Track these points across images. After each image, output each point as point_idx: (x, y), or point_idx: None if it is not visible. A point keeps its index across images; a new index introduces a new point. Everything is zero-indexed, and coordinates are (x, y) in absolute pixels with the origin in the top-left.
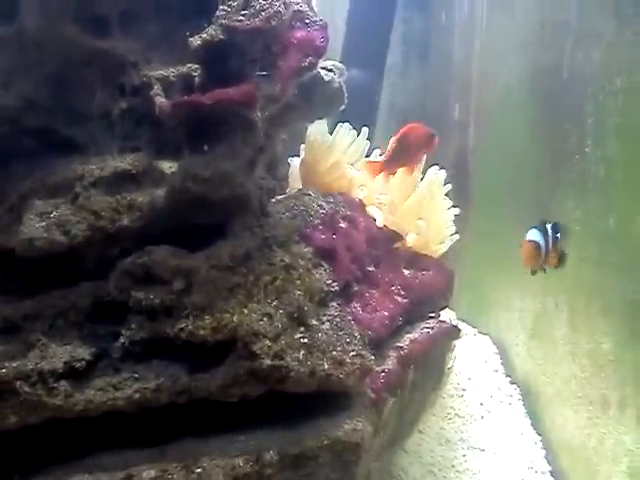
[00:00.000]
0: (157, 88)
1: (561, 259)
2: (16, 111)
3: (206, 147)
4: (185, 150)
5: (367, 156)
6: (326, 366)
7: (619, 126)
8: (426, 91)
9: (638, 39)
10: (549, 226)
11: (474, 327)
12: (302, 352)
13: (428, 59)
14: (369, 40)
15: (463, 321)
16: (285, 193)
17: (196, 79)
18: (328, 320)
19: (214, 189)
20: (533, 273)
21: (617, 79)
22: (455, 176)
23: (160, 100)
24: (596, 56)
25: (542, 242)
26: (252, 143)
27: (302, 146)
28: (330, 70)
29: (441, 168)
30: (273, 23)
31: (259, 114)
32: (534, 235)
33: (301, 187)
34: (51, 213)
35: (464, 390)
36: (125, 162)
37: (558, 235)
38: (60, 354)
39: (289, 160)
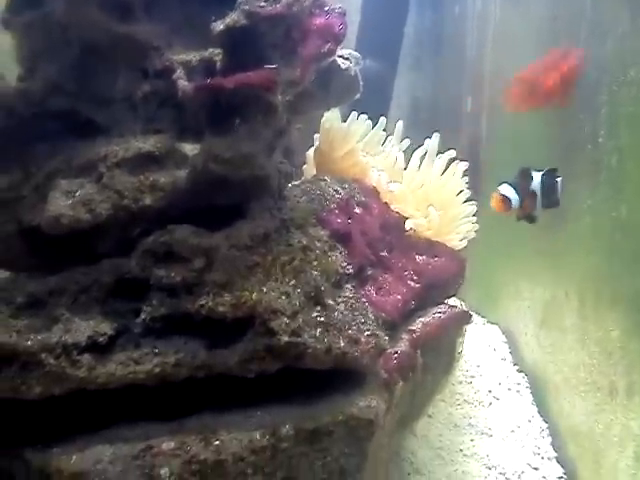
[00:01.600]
0: (179, 72)
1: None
2: (41, 94)
3: (228, 129)
4: (207, 132)
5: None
6: (342, 344)
7: (633, 116)
8: (438, 84)
9: None
10: (538, 174)
11: (483, 317)
12: (319, 330)
13: (441, 52)
14: (383, 31)
15: (472, 311)
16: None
17: (218, 64)
18: (343, 301)
19: (235, 170)
20: (518, 219)
21: (631, 69)
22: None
23: (182, 83)
24: (610, 47)
25: (512, 194)
26: (272, 126)
27: (316, 135)
28: (347, 59)
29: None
30: (294, 9)
31: (280, 98)
32: (503, 188)
33: (316, 174)
34: (76, 192)
35: (473, 377)
36: (148, 144)
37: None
38: (83, 328)
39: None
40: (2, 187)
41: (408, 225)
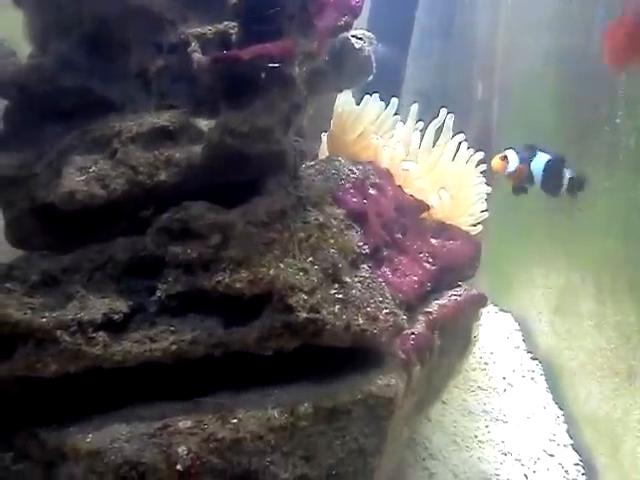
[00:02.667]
0: (194, 45)
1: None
2: (53, 71)
3: (244, 103)
4: (222, 107)
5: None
6: (361, 321)
7: None
8: (449, 69)
9: None
10: (545, 155)
11: (496, 305)
12: (337, 307)
13: (451, 36)
14: (395, 15)
15: None
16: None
17: (233, 37)
18: (360, 281)
19: (251, 144)
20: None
21: None
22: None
23: (198, 56)
24: None
25: (512, 157)
26: (289, 100)
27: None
28: (360, 38)
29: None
30: None
31: (297, 70)
32: (507, 152)
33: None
34: (90, 168)
35: (486, 364)
36: (162, 119)
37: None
38: (98, 306)
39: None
40: (14, 165)
41: (431, 201)
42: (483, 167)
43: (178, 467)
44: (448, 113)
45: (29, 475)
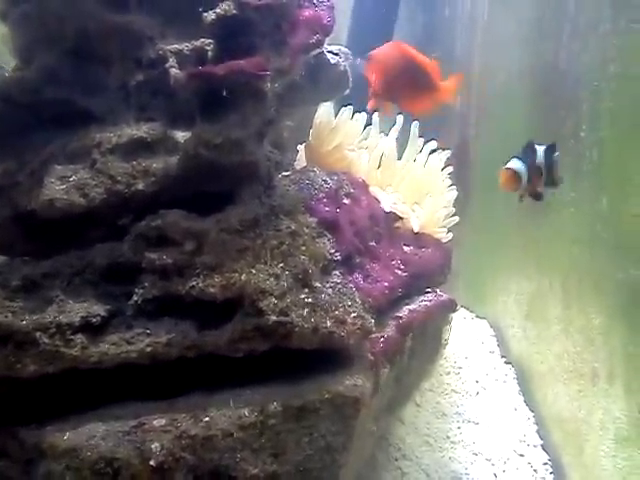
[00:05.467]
0: (172, 61)
1: (553, 182)
2: (37, 83)
3: (219, 116)
4: (198, 120)
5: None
6: (329, 324)
7: (612, 110)
8: None
9: (631, 27)
10: (541, 148)
11: (472, 312)
12: (306, 310)
13: (430, 53)
14: (373, 31)
15: (461, 306)
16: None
17: (209, 53)
18: (331, 287)
19: (225, 155)
20: (520, 200)
21: (611, 65)
22: (455, 165)
23: (175, 71)
24: (592, 45)
25: (522, 169)
26: (262, 113)
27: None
28: (336, 54)
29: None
30: (283, 0)
31: (269, 85)
32: (514, 163)
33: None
34: (70, 177)
35: (460, 368)
36: (141, 130)
37: (542, 160)
38: (77, 309)
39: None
40: None
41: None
42: (450, 169)
43: (151, 463)
44: (421, 125)
45: (8, 473)
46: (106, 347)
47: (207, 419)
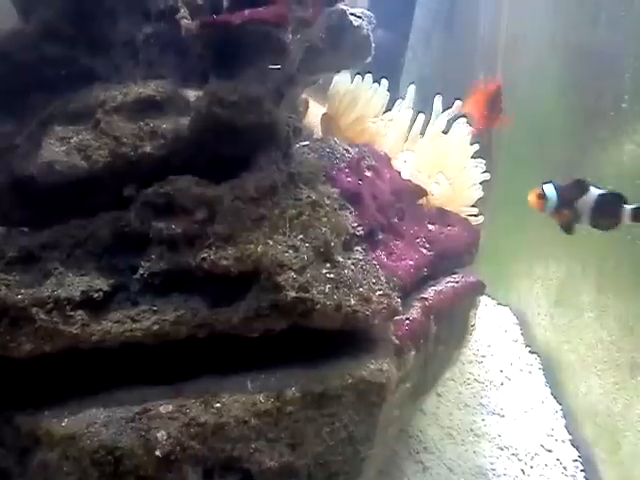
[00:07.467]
0: (183, 12)
1: (568, 225)
2: (36, 38)
3: (234, 71)
4: (212, 75)
5: (388, 110)
6: (352, 302)
7: None
8: (449, 59)
9: None
10: (596, 191)
11: (493, 299)
12: (328, 286)
13: (452, 25)
14: (395, 3)
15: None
16: None
17: (224, 2)
18: (352, 262)
19: (241, 114)
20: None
21: None
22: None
23: (186, 22)
24: (637, 9)
25: (551, 197)
26: (282, 68)
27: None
28: (359, 17)
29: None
30: None
31: (290, 37)
32: (546, 187)
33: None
34: (72, 138)
35: (483, 357)
36: (149, 88)
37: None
38: (77, 283)
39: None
40: None
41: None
42: (476, 147)
43: (157, 453)
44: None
45: (2, 463)
46: (109, 325)
47: (218, 405)
